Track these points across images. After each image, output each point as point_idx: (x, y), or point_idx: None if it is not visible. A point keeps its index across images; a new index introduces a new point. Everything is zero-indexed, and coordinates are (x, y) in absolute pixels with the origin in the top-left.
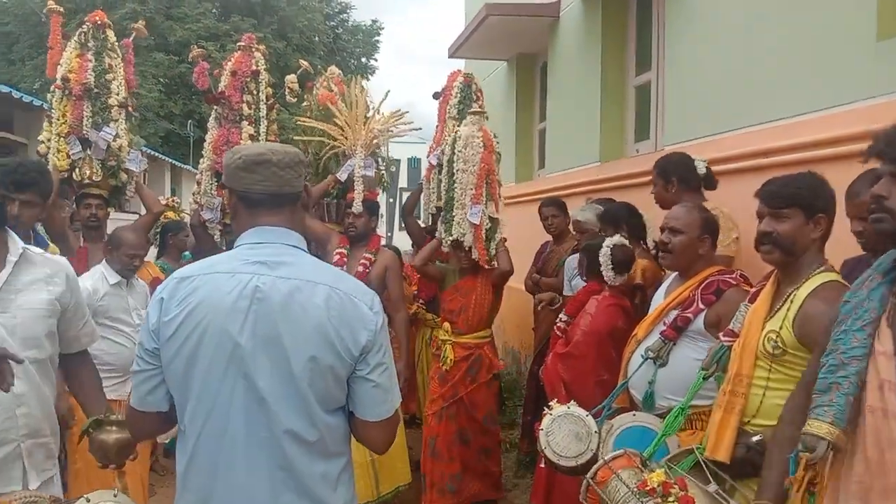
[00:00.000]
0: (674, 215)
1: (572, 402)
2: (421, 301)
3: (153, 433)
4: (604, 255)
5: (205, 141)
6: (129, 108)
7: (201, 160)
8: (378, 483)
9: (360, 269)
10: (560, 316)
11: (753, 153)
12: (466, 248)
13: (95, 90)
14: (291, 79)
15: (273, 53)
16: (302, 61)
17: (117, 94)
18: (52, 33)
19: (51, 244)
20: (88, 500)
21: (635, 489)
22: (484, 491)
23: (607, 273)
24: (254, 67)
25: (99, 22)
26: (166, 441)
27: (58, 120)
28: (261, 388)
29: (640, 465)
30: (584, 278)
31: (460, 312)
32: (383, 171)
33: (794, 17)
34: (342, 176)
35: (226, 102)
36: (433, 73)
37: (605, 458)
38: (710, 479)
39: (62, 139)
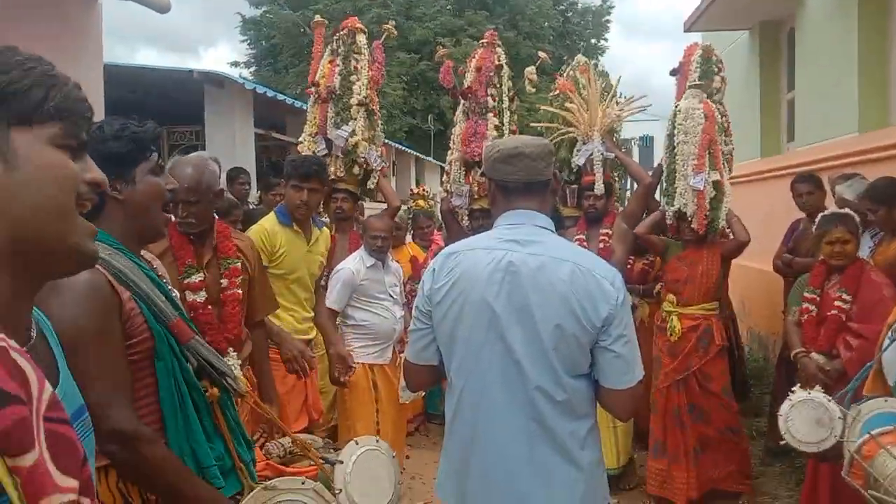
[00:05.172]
0: None
1: (816, 387)
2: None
3: (425, 385)
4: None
5: (444, 134)
6: (371, 106)
7: (449, 151)
8: (619, 454)
9: (601, 245)
10: (836, 296)
11: None
12: (689, 218)
13: (338, 92)
14: (531, 70)
15: (504, 43)
16: (541, 53)
17: (358, 94)
18: (315, 43)
19: (325, 228)
20: (357, 443)
21: None
22: (732, 475)
23: None
24: (497, 62)
25: (351, 27)
26: (407, 401)
27: (310, 122)
28: (515, 349)
29: None
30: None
31: (686, 283)
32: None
33: None
34: (579, 160)
35: (472, 97)
36: (665, 48)
37: (872, 432)
38: None
39: (312, 139)
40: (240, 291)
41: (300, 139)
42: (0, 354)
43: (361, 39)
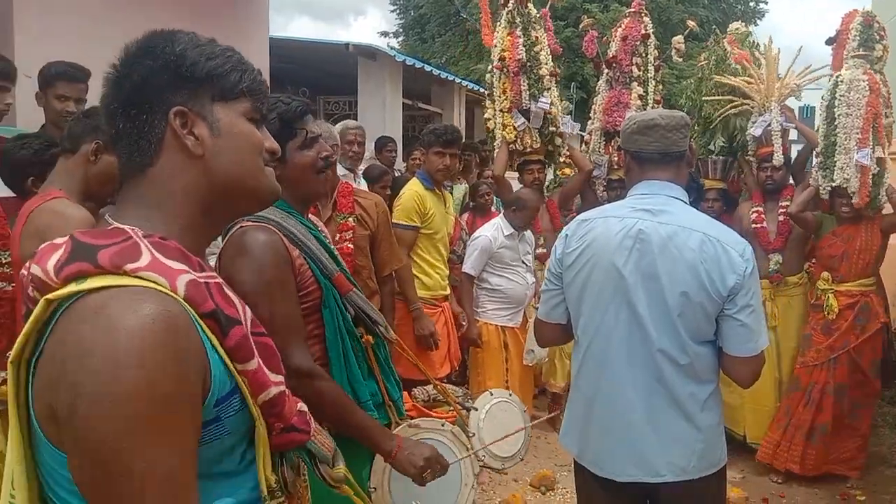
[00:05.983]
0: None
1: None
2: None
3: (554, 342)
4: None
5: (586, 102)
6: (556, 76)
7: (590, 121)
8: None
9: (781, 219)
10: None
11: None
12: (850, 194)
13: (528, 64)
14: (678, 39)
15: (655, 7)
16: (689, 21)
17: (546, 64)
18: (483, 13)
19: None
20: (492, 394)
21: None
22: (846, 456)
23: None
24: (643, 32)
25: None
26: (531, 363)
27: (499, 97)
28: (640, 313)
29: None
30: None
31: (842, 259)
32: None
33: None
34: (756, 131)
35: (616, 66)
36: (829, 8)
37: None
38: None
39: (506, 114)
40: (350, 245)
41: (487, 116)
42: (218, 288)
43: (533, 9)
